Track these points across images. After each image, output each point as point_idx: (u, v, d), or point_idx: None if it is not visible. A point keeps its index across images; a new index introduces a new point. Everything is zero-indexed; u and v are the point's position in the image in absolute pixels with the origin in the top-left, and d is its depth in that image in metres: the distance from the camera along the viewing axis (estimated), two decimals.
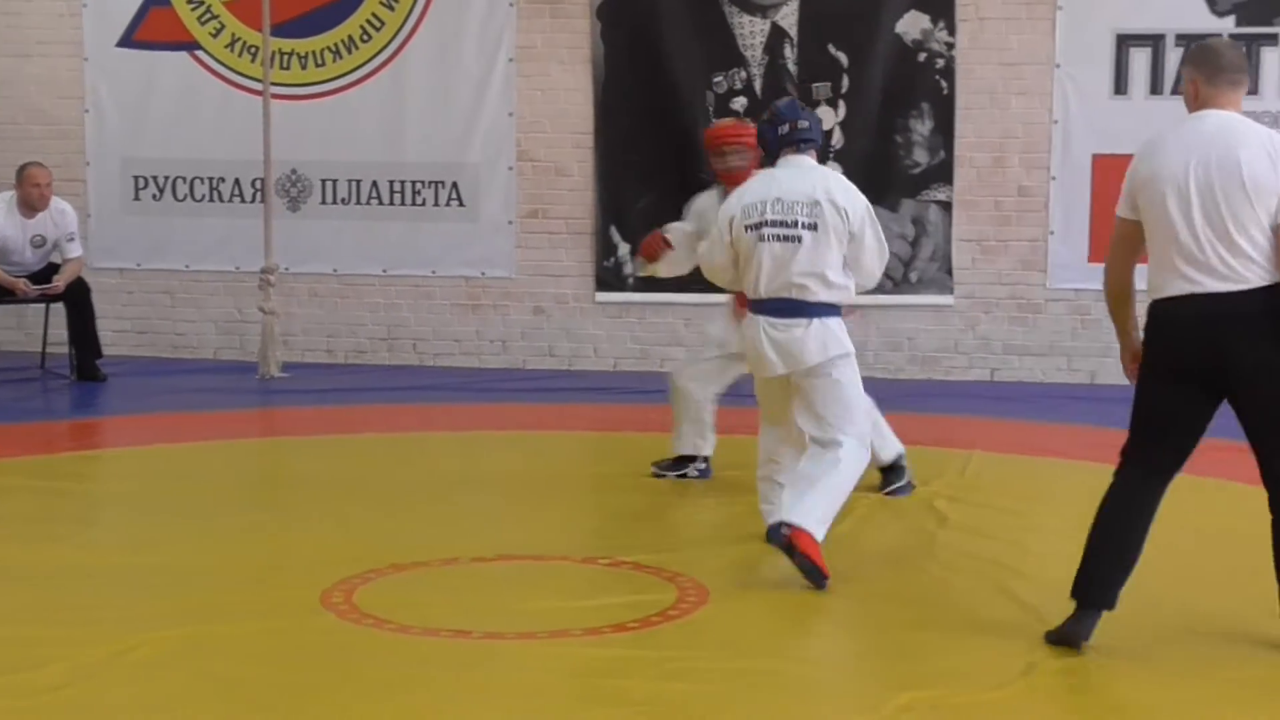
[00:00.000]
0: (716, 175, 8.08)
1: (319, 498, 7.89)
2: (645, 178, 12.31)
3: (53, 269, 11.72)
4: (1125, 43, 11.71)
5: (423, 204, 12.58)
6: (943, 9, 11.90)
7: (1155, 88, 11.67)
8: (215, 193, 13.00)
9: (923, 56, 11.93)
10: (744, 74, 12.16)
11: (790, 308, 6.61)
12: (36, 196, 11.55)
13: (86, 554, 6.76)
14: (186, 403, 10.93)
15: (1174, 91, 11.63)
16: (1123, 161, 10.28)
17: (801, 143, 6.77)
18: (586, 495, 7.99)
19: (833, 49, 12.04)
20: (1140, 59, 11.67)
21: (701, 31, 12.18)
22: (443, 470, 8.35)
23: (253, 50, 12.67)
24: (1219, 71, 5.65)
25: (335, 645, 5.49)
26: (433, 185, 12.61)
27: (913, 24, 11.94)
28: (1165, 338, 5.55)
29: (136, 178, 13.09)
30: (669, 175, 12.24)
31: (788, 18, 12.11)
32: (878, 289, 11.93)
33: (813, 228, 6.57)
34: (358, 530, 7.24)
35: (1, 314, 11.90)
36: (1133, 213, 5.64)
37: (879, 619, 6.02)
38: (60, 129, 13.14)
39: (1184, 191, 5.48)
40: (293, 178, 12.83)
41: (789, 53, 12.11)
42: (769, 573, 6.49)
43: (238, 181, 12.94)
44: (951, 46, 11.91)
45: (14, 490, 8.05)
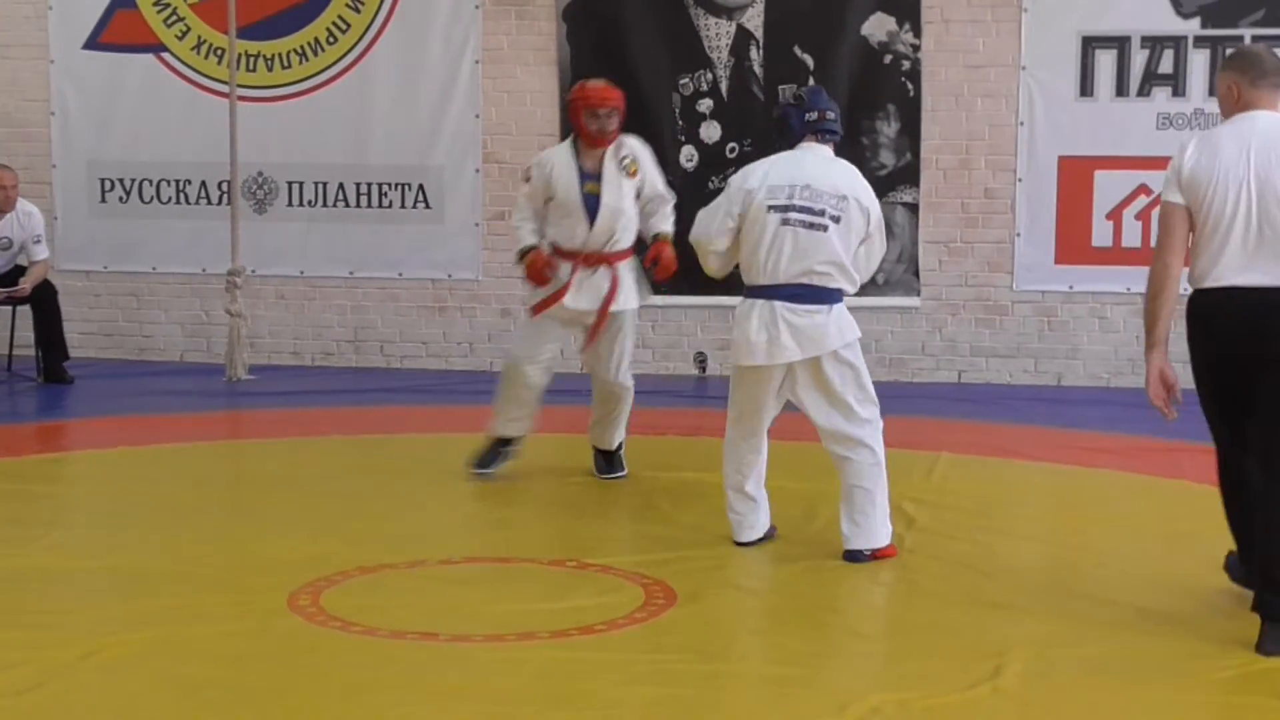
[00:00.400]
0: (581, 133, 8.00)
1: (286, 500, 7.87)
2: None
3: (19, 271, 11.69)
4: (1090, 44, 11.75)
5: (389, 206, 12.58)
6: (908, 11, 11.93)
7: (1121, 89, 11.71)
8: (182, 195, 12.97)
9: (888, 59, 11.96)
10: (710, 76, 12.17)
11: (811, 294, 6.63)
12: (2, 199, 11.53)
13: (52, 557, 6.73)
14: (153, 405, 10.89)
15: (1139, 93, 11.72)
16: (1089, 163, 10.39)
17: (826, 133, 6.82)
18: (553, 498, 7.98)
19: (798, 51, 12.06)
20: (1105, 61, 11.72)
21: (667, 34, 12.20)
22: (410, 473, 8.33)
23: (219, 52, 12.65)
24: (1263, 75, 5.83)
25: (302, 648, 5.48)
26: (399, 187, 12.60)
27: (878, 26, 11.97)
28: (1211, 328, 5.78)
29: (103, 180, 13.05)
30: None
31: (753, 20, 12.13)
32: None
33: (837, 221, 6.63)
34: (325, 533, 7.22)
35: None
36: (1181, 197, 5.79)
37: (846, 621, 6.03)
38: (26, 131, 13.10)
39: (1243, 188, 5.66)
40: (259, 180, 12.80)
41: (755, 55, 12.12)
42: (736, 575, 6.50)
43: (204, 184, 12.92)
44: (917, 49, 11.94)
45: None
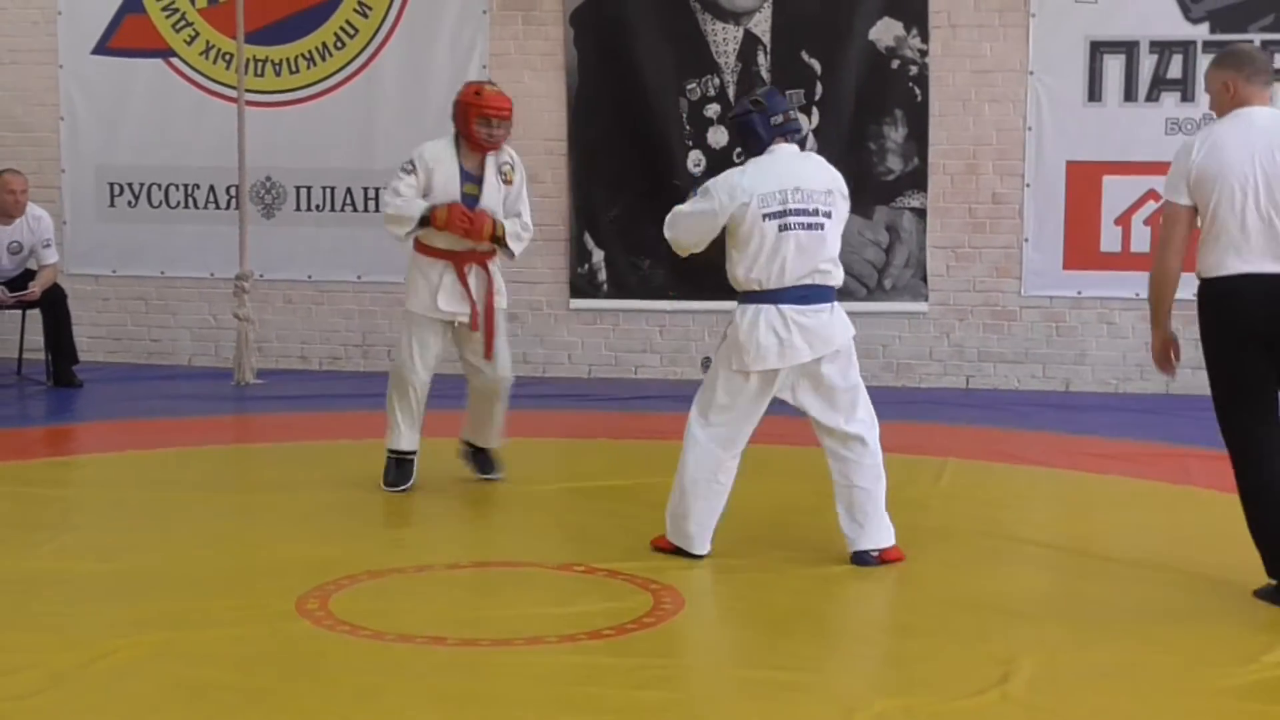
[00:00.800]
0: (470, 138, 7.91)
1: (294, 505, 7.87)
2: (618, 185, 12.34)
3: (28, 275, 11.71)
4: (1098, 49, 11.74)
5: None
6: (916, 16, 11.93)
7: (1129, 94, 11.70)
8: (190, 200, 12.99)
9: (896, 64, 11.96)
10: (717, 81, 12.18)
11: (815, 294, 6.67)
12: (12, 203, 11.54)
13: (60, 560, 6.74)
14: (162, 409, 10.90)
15: (1148, 98, 11.71)
16: (1097, 168, 10.37)
17: (793, 133, 6.84)
18: (561, 502, 7.98)
19: (806, 56, 12.06)
20: (1114, 66, 11.71)
21: (675, 38, 12.20)
22: (417, 477, 8.34)
23: (227, 57, 12.66)
24: (1257, 72, 6.19)
25: (310, 652, 5.48)
26: None
27: (886, 31, 11.97)
28: (1232, 310, 6.05)
29: (112, 184, 13.08)
30: (642, 182, 12.27)
31: (761, 25, 12.13)
32: (851, 296, 12.03)
33: (829, 216, 6.68)
34: (333, 537, 7.23)
35: None
36: (1188, 198, 6.10)
37: (854, 626, 6.03)
38: (35, 136, 13.12)
39: (1250, 182, 5.98)
40: (267, 184, 12.82)
41: (762, 60, 12.13)
42: (744, 581, 6.49)
43: (212, 188, 12.94)
44: (925, 54, 11.94)
45: None
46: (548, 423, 10.22)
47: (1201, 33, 11.61)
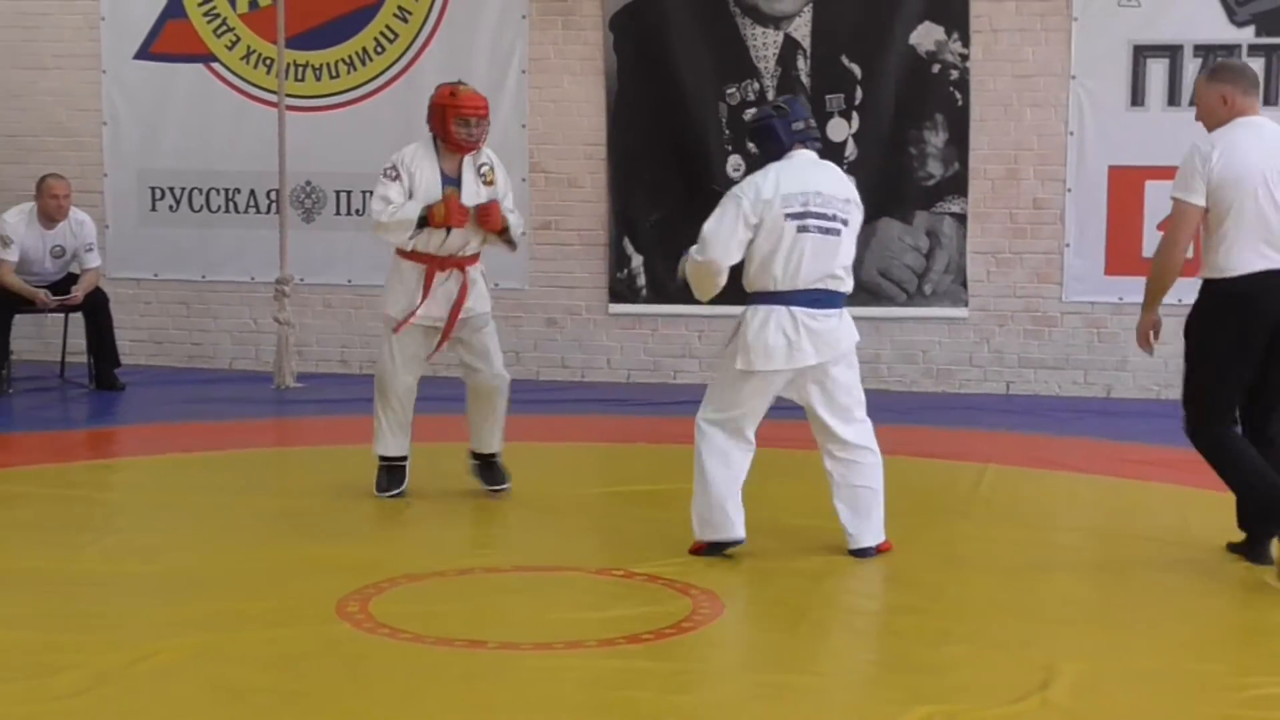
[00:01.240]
0: (448, 139, 7.85)
1: (334, 507, 7.89)
2: (657, 189, 12.33)
3: (71, 279, 11.77)
4: (1141, 54, 11.69)
5: None
6: (957, 21, 11.90)
7: (1172, 99, 11.63)
8: (231, 204, 13.04)
9: (937, 68, 11.93)
10: (757, 85, 12.17)
11: (826, 299, 6.75)
12: (55, 208, 11.60)
13: (103, 562, 6.78)
14: (202, 412, 10.95)
15: (1192, 103, 11.61)
16: (1139, 173, 10.32)
17: (813, 140, 6.92)
18: (600, 506, 7.98)
19: (846, 60, 12.04)
20: (1157, 70, 11.65)
21: (714, 43, 12.20)
22: (457, 480, 8.35)
23: (268, 62, 12.71)
24: (1252, 86, 6.78)
25: (350, 654, 5.50)
26: None
27: (926, 36, 11.95)
28: (1250, 305, 6.56)
29: (153, 189, 13.14)
30: (681, 186, 12.26)
31: (801, 29, 12.12)
32: (891, 301, 12.02)
33: (845, 223, 6.77)
34: (373, 540, 7.25)
35: (21, 324, 11.92)
36: (1204, 200, 6.57)
37: (894, 633, 6.02)
38: (78, 141, 13.19)
39: (1267, 186, 6.51)
40: (307, 189, 12.86)
41: (802, 64, 12.11)
42: (783, 585, 6.48)
43: (253, 193, 12.98)
44: (966, 58, 11.91)
45: (32, 498, 8.08)
46: (587, 427, 10.23)
47: (1247, 36, 11.55)
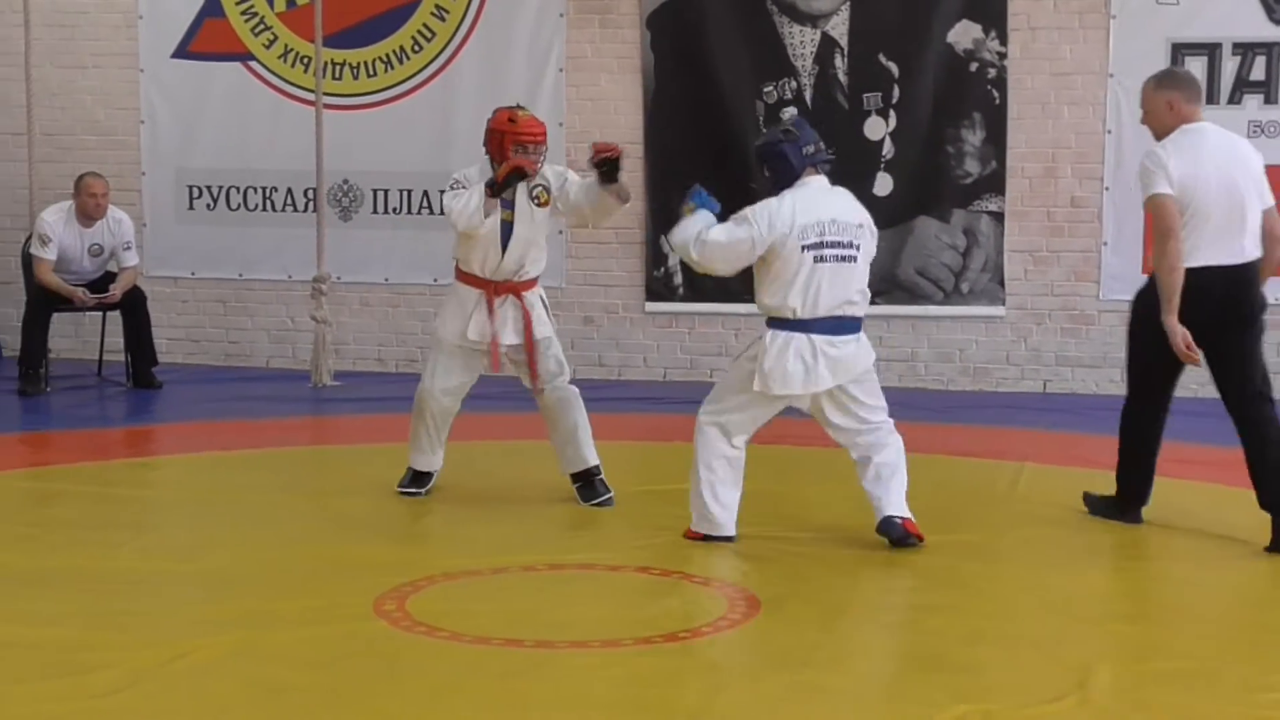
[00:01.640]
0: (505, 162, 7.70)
1: (370, 506, 7.91)
2: None
3: (109, 278, 11.80)
4: (1180, 51, 11.63)
5: None
6: (994, 19, 11.87)
7: (1211, 97, 11.53)
8: (268, 202, 13.08)
9: (974, 66, 11.90)
10: (794, 84, 12.16)
11: (844, 325, 6.85)
12: (93, 206, 11.63)
13: (140, 560, 6.80)
14: (239, 410, 10.98)
15: (1230, 101, 11.60)
16: None
17: (824, 163, 6.98)
18: (637, 504, 7.97)
19: (883, 59, 12.02)
20: (1196, 68, 11.53)
21: (751, 41, 12.19)
22: (493, 478, 8.36)
23: (305, 61, 12.74)
24: (1197, 93, 7.38)
25: (387, 652, 5.51)
26: None
27: (964, 34, 11.92)
28: (1198, 299, 6.98)
29: (191, 187, 13.18)
30: (718, 185, 12.10)
31: (838, 27, 12.10)
32: (928, 300, 11.99)
33: (859, 249, 6.86)
34: (409, 538, 7.27)
35: (59, 322, 11.98)
36: (1172, 188, 7.01)
37: (929, 631, 6.00)
38: (116, 139, 13.24)
39: (1219, 187, 7.02)
40: (344, 187, 12.89)
41: (839, 63, 12.10)
42: (818, 584, 6.48)
43: (290, 191, 13.02)
44: (1003, 56, 11.87)
45: (70, 496, 8.12)
46: (623, 426, 10.22)
47: None
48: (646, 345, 12.65)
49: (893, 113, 11.99)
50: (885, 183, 11.94)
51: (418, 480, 8.10)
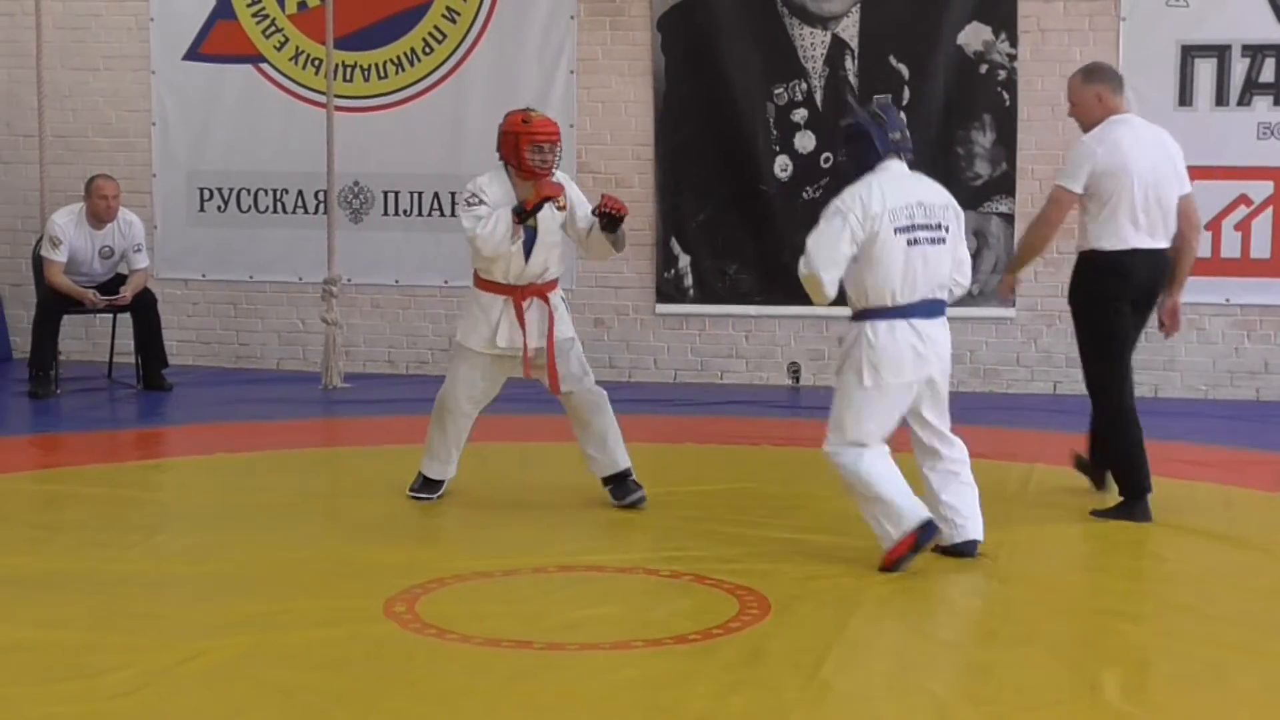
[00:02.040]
0: (522, 165, 7.66)
1: (381, 508, 7.91)
2: (705, 190, 12.34)
3: (120, 280, 11.82)
4: (1190, 53, 11.63)
5: None
6: (1004, 21, 11.87)
7: (1220, 99, 11.58)
8: (279, 204, 13.09)
9: (984, 68, 11.90)
10: (804, 86, 12.16)
11: (938, 308, 6.81)
12: (104, 208, 11.65)
13: (152, 561, 6.81)
14: (250, 412, 10.99)
15: (1240, 103, 11.59)
16: (1187, 172, 10.35)
17: (907, 151, 6.87)
18: (647, 507, 7.97)
19: (894, 61, 12.02)
20: (1205, 70, 11.59)
21: (762, 43, 12.19)
22: (504, 480, 8.37)
23: (316, 63, 12.75)
24: (1120, 85, 7.91)
25: (397, 655, 5.51)
26: None
27: (974, 36, 11.92)
28: (1126, 278, 7.60)
29: (201, 189, 13.20)
30: (729, 187, 12.28)
31: (849, 29, 12.10)
32: None
33: (948, 230, 6.79)
34: (419, 540, 7.26)
35: (70, 324, 12.00)
36: (1082, 188, 7.59)
37: (943, 632, 6.00)
38: (127, 141, 13.27)
39: (1145, 176, 7.56)
40: (355, 189, 12.90)
41: (850, 64, 12.10)
42: (830, 586, 6.46)
43: (301, 193, 13.03)
44: (1013, 58, 11.87)
45: (80, 498, 8.12)
46: (634, 427, 10.19)
47: None
48: (657, 347, 12.65)
49: (903, 115, 11.93)
50: None
51: (429, 486, 8.08)
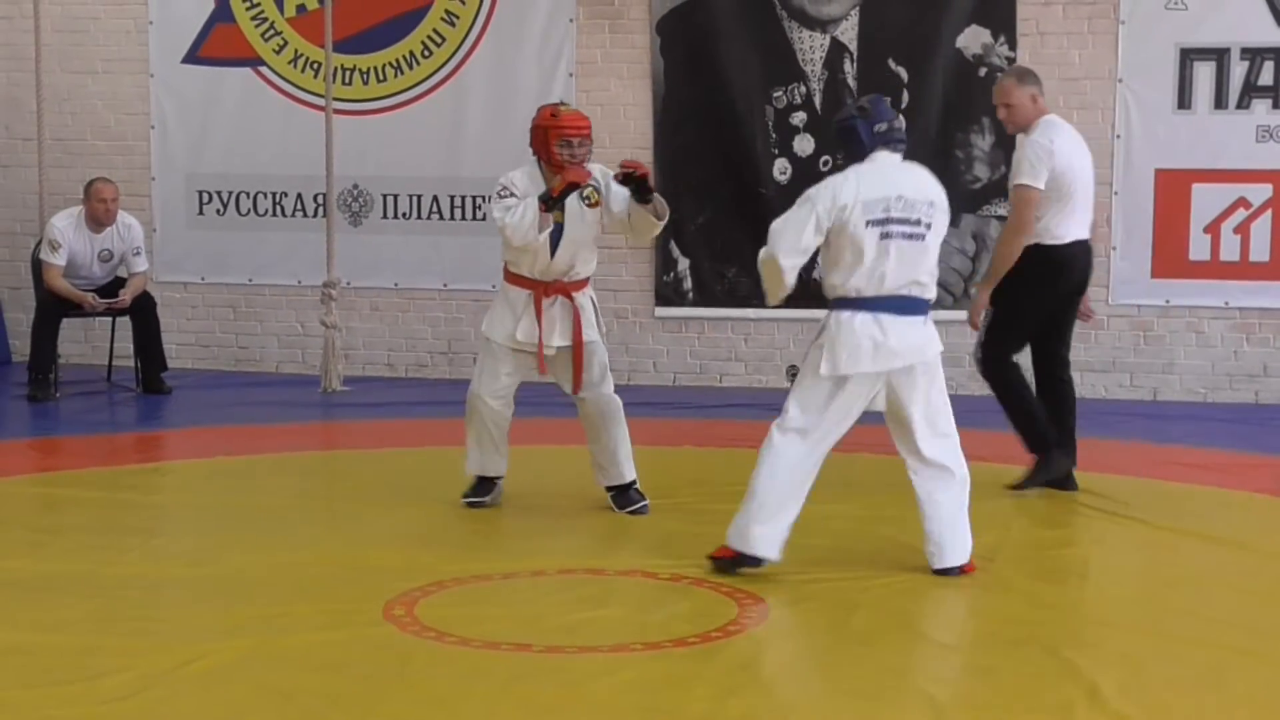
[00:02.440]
0: (551, 160, 7.62)
1: (380, 511, 7.91)
2: (704, 192, 12.33)
3: (119, 283, 11.82)
4: (1189, 56, 11.63)
5: (483, 218, 12.57)
6: (1003, 23, 11.87)
7: (1219, 102, 11.58)
8: (278, 207, 13.09)
9: (983, 71, 11.90)
10: (804, 89, 12.16)
11: (911, 305, 6.61)
12: (103, 212, 11.65)
13: (150, 564, 6.81)
14: (249, 415, 11.00)
15: (1239, 106, 11.59)
16: (1186, 176, 10.46)
17: (898, 142, 6.79)
18: (649, 514, 7.97)
19: (893, 64, 12.03)
20: (1204, 73, 11.60)
21: (761, 46, 12.20)
22: (503, 484, 8.37)
23: (315, 66, 12.76)
24: (1042, 89, 8.35)
25: (396, 657, 5.51)
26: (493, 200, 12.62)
27: (973, 39, 11.92)
28: (1069, 267, 8.24)
29: (201, 193, 13.20)
30: (728, 190, 12.28)
31: (848, 32, 12.11)
32: (938, 304, 11.95)
33: (929, 227, 6.64)
34: (419, 543, 7.26)
35: (69, 328, 12.00)
36: (1044, 185, 8.01)
37: (939, 636, 6.00)
38: (126, 145, 13.27)
39: (1082, 172, 8.19)
40: (354, 192, 12.91)
41: (849, 67, 12.10)
42: (829, 589, 6.47)
43: (300, 196, 13.03)
44: (1012, 61, 11.85)
45: (79, 501, 8.12)
46: (633, 430, 10.18)
47: None
48: (656, 350, 12.65)
49: (902, 118, 11.90)
50: None
51: (482, 488, 8.00)
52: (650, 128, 12.42)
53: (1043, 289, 8.24)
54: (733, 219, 12.26)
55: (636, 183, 7.54)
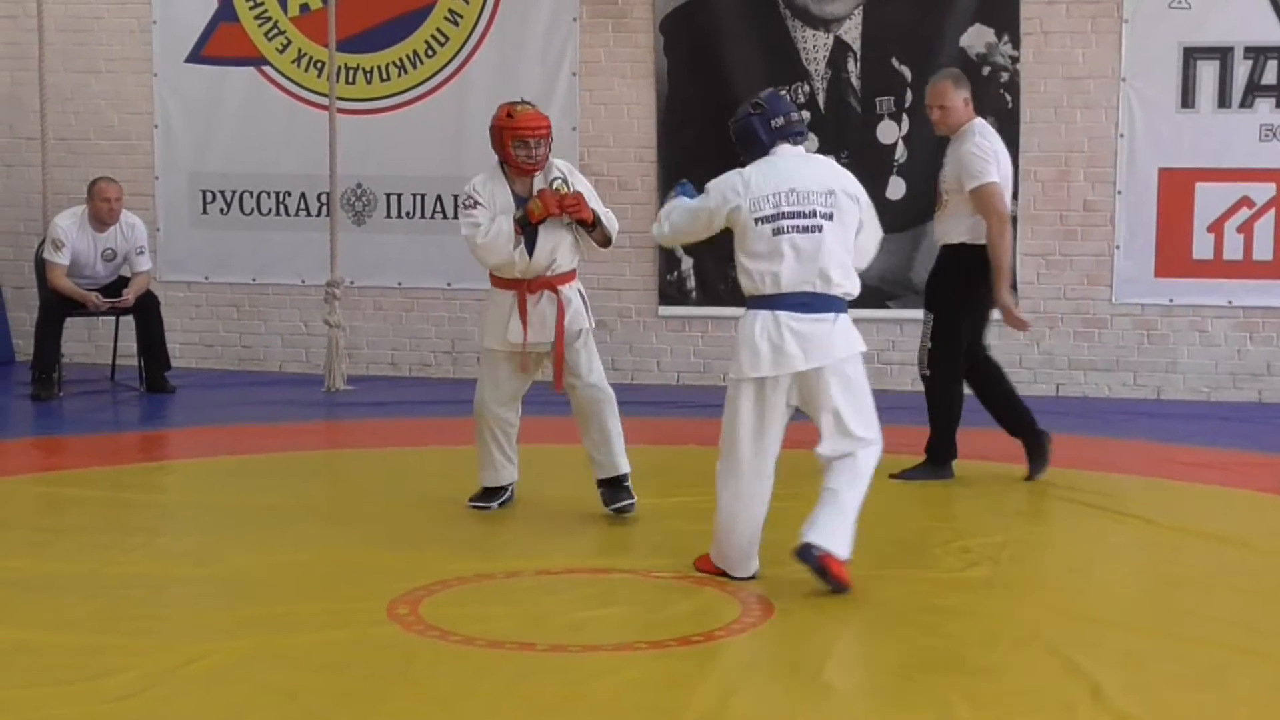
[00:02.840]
0: (508, 161, 7.66)
1: (384, 510, 7.92)
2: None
3: (122, 282, 11.83)
4: (1192, 55, 11.63)
5: None
6: (1007, 23, 11.87)
7: (1223, 101, 11.58)
8: (281, 207, 13.10)
9: (987, 70, 11.89)
10: (807, 88, 12.16)
11: (816, 302, 6.39)
12: (106, 211, 11.66)
13: (154, 564, 6.82)
14: (253, 415, 11.00)
15: (1242, 105, 11.58)
16: (1189, 175, 10.47)
17: (798, 135, 6.67)
18: (650, 508, 7.97)
19: (896, 63, 12.02)
20: (1207, 72, 11.60)
21: (764, 46, 12.19)
22: (514, 488, 8.36)
23: (319, 65, 12.76)
24: (971, 93, 8.61)
25: (400, 656, 5.51)
26: None
27: (977, 38, 11.92)
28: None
29: (204, 192, 13.20)
30: None
31: (851, 32, 12.10)
32: None
33: (830, 218, 6.43)
34: (423, 542, 7.26)
35: (72, 327, 12.01)
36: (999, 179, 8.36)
37: (944, 635, 5.99)
38: (130, 144, 13.27)
39: (1009, 174, 8.53)
40: (358, 191, 12.91)
41: (852, 67, 12.10)
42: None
43: (303, 195, 13.03)
44: (1016, 60, 11.87)
45: (83, 501, 8.13)
46: (636, 430, 10.19)
47: None
48: (660, 349, 12.66)
49: (905, 117, 11.99)
50: (898, 186, 11.94)
51: (484, 496, 7.98)
52: (654, 127, 12.42)
53: (977, 287, 8.43)
54: None
55: (576, 221, 7.61)
